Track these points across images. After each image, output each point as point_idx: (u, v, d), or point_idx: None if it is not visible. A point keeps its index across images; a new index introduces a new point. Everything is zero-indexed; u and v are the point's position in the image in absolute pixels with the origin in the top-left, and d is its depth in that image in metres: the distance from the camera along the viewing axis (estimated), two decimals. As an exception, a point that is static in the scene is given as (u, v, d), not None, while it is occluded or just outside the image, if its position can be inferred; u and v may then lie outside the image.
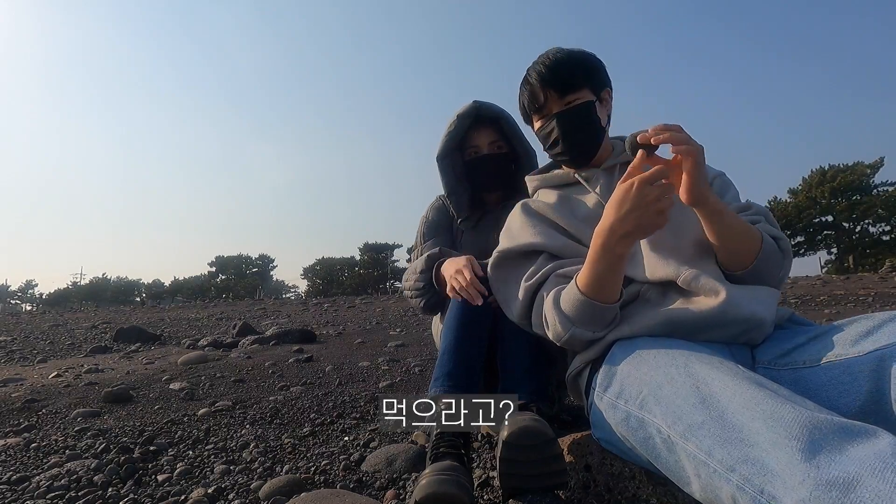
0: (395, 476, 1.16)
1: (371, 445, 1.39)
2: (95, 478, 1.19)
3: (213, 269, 55.85)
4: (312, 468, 1.23)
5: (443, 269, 1.30)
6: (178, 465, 1.27)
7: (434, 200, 1.67)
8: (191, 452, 1.39)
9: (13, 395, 2.20)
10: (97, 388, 2.36)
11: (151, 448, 1.41)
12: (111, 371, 3.00)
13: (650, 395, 0.71)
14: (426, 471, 0.87)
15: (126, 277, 62.70)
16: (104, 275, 61.16)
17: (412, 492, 0.88)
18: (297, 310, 9.60)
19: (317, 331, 4.99)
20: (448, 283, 1.22)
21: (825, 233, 34.44)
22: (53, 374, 2.88)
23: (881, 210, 31.59)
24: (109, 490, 1.13)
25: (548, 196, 1.14)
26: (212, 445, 1.44)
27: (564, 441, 1.02)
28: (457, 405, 1.02)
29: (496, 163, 1.51)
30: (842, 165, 33.98)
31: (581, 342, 0.91)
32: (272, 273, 58.26)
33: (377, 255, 48.36)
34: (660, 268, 0.93)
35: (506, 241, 1.11)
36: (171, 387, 2.37)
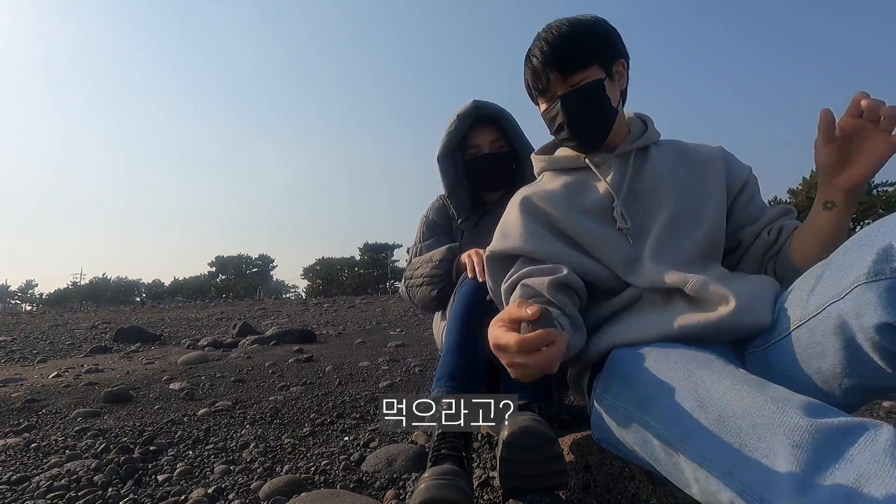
0: (395, 476, 1.16)
1: (371, 445, 1.39)
2: (95, 478, 1.19)
3: (213, 269, 55.81)
4: (312, 468, 1.23)
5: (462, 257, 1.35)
6: (178, 465, 1.27)
7: (434, 200, 1.67)
8: (191, 452, 1.39)
9: (13, 395, 2.20)
10: (97, 388, 2.35)
11: (151, 448, 1.40)
12: (111, 371, 2.99)
13: (649, 399, 0.71)
14: (425, 474, 0.87)
15: (126, 277, 62.68)
16: (104, 275, 61.14)
17: (411, 494, 0.88)
18: (297, 310, 9.59)
19: (317, 331, 4.99)
20: (463, 261, 1.26)
21: (825, 233, 34.37)
22: (53, 374, 2.87)
23: (881, 210, 31.55)
24: (109, 490, 1.13)
25: (552, 182, 1.07)
26: (212, 445, 1.44)
27: (564, 441, 1.02)
28: (457, 405, 1.02)
29: (497, 162, 1.52)
30: (842, 165, 33.90)
31: None
32: (272, 273, 58.23)
33: (377, 255, 48.34)
34: (664, 275, 0.88)
35: (497, 241, 1.05)
36: (171, 387, 2.37)
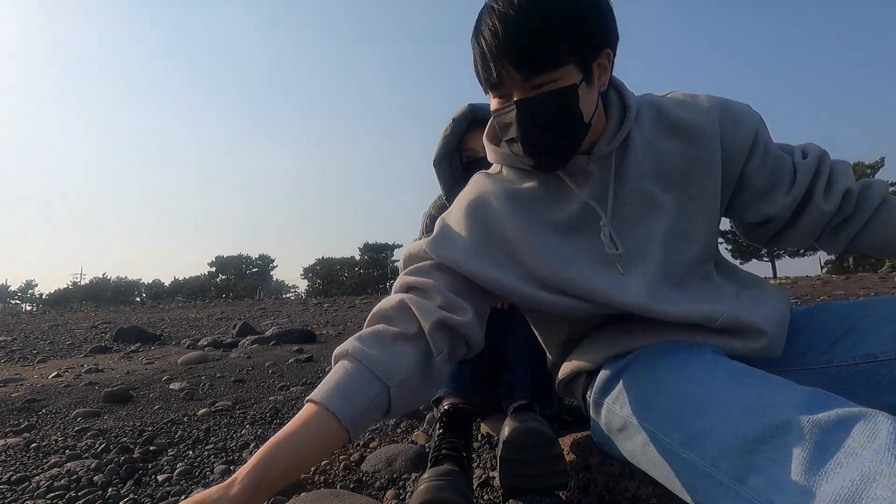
0: (395, 476, 1.16)
1: (371, 445, 1.39)
2: (95, 478, 1.19)
3: (213, 269, 55.85)
4: (312, 468, 1.23)
5: None
6: (178, 465, 1.27)
7: (436, 199, 1.68)
8: (191, 452, 1.39)
9: (13, 395, 2.20)
10: (97, 388, 2.35)
11: (151, 448, 1.40)
12: (111, 371, 2.99)
13: (648, 403, 0.69)
14: (425, 475, 0.87)
15: (126, 277, 62.81)
16: (104, 275, 61.24)
17: (411, 494, 0.87)
18: (297, 310, 9.59)
19: (317, 331, 4.98)
20: None
21: (825, 233, 34.39)
22: (53, 374, 2.87)
23: (881, 210, 31.53)
24: (109, 490, 1.13)
25: (514, 182, 0.82)
26: (212, 445, 1.44)
27: (565, 441, 1.02)
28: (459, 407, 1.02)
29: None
30: (842, 165, 33.92)
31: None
32: (272, 273, 58.28)
33: (377, 255, 48.33)
34: (678, 312, 0.73)
35: (438, 243, 0.80)
36: (171, 387, 2.37)
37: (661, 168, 0.78)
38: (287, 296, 47.99)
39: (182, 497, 1.08)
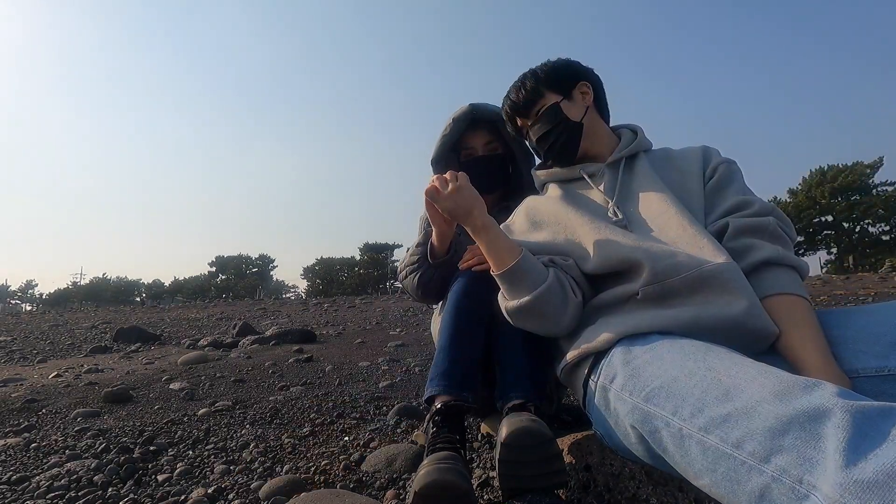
0: (395, 476, 1.16)
1: (371, 445, 1.39)
2: (95, 478, 1.19)
3: (213, 269, 55.89)
4: (312, 468, 1.23)
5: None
6: (178, 465, 1.27)
7: None
8: (191, 452, 1.39)
9: (13, 395, 2.20)
10: (97, 388, 2.36)
11: (151, 448, 1.41)
12: (111, 371, 3.00)
13: (662, 388, 0.69)
14: (424, 462, 0.87)
15: (126, 277, 62.83)
16: (104, 275, 61.26)
17: (411, 483, 0.87)
18: (297, 310, 9.59)
19: (317, 331, 4.99)
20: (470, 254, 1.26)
21: (825, 233, 34.49)
22: (53, 374, 2.88)
23: (881, 210, 31.59)
24: (109, 490, 1.14)
25: (554, 191, 1.17)
26: (212, 445, 1.44)
27: (564, 441, 1.02)
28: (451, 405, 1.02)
29: (491, 164, 1.50)
30: (841, 165, 34.00)
31: (528, 315, 0.97)
32: (272, 273, 58.32)
33: (377, 255, 48.36)
34: (692, 251, 0.89)
35: None
36: (171, 387, 2.37)
37: (662, 182, 1.06)
38: (287, 296, 48.00)
39: (182, 497, 1.09)
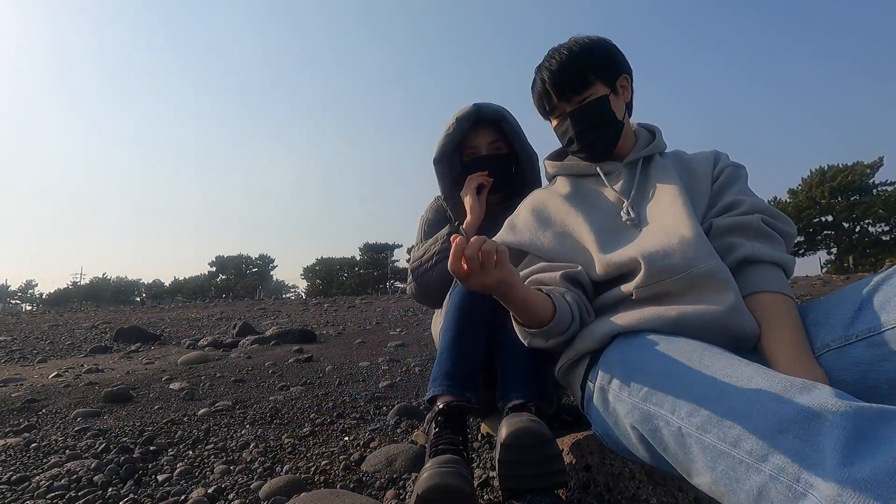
0: (395, 476, 1.16)
1: (371, 445, 1.39)
2: (95, 478, 1.19)
3: (213, 269, 55.88)
4: (312, 468, 1.23)
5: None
6: (178, 465, 1.27)
7: (432, 201, 1.66)
8: (191, 452, 1.39)
9: (13, 395, 2.21)
10: (97, 388, 2.36)
11: (151, 448, 1.41)
12: (111, 371, 3.00)
13: (660, 387, 0.69)
14: (426, 465, 0.87)
15: (126, 277, 62.81)
16: (104, 275, 61.23)
17: (413, 486, 0.87)
18: (297, 310, 9.60)
19: (317, 331, 4.99)
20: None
21: (825, 233, 34.47)
22: (53, 374, 2.88)
23: (881, 210, 31.59)
24: (109, 490, 1.14)
25: (565, 186, 1.12)
26: (212, 445, 1.44)
27: (564, 441, 1.02)
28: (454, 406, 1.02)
29: (494, 164, 1.50)
30: (841, 165, 33.99)
31: (549, 342, 0.92)
32: (272, 273, 58.30)
33: (377, 255, 48.38)
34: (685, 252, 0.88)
35: (506, 233, 1.11)
36: (171, 387, 2.37)
37: (675, 183, 1.03)
38: (287, 296, 48.00)
39: (182, 497, 1.09)
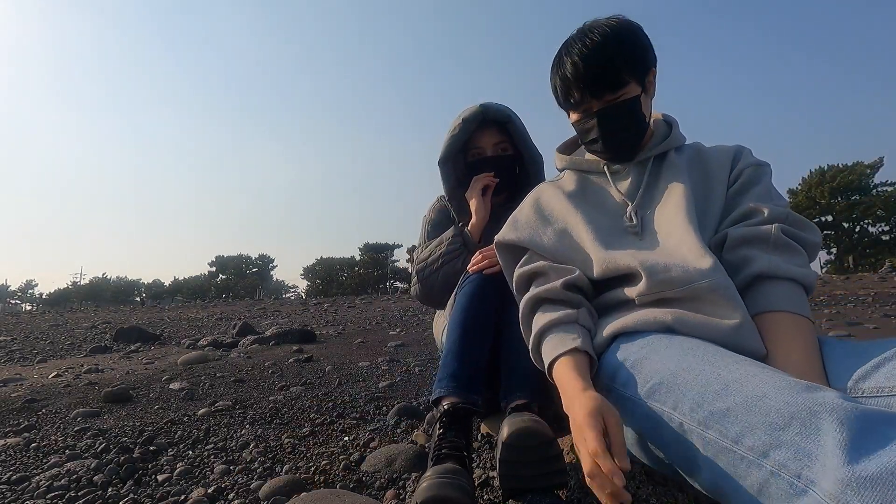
0: (395, 476, 1.16)
1: (371, 445, 1.39)
2: (95, 478, 1.19)
3: (213, 269, 55.92)
4: (312, 468, 1.23)
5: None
6: (178, 465, 1.27)
7: (435, 202, 1.66)
8: (191, 452, 1.39)
9: (13, 395, 2.20)
10: (97, 388, 2.35)
11: (151, 448, 1.40)
12: (111, 371, 2.99)
13: (663, 384, 0.69)
14: (427, 473, 0.87)
15: (126, 277, 62.92)
16: (104, 275, 61.30)
17: (412, 493, 0.87)
18: (297, 310, 9.59)
19: (317, 331, 4.99)
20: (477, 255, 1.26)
21: (825, 233, 34.50)
22: (53, 374, 2.87)
23: (881, 210, 31.62)
24: (109, 490, 1.13)
25: (571, 182, 1.08)
26: (212, 445, 1.44)
27: (565, 441, 1.02)
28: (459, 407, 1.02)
29: (500, 165, 1.50)
30: (841, 165, 34.05)
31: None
32: (272, 273, 58.35)
33: (377, 255, 48.40)
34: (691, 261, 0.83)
35: (508, 230, 1.08)
36: (171, 387, 2.37)
37: (686, 186, 0.96)
38: (287, 296, 48.02)
39: (182, 497, 1.09)
